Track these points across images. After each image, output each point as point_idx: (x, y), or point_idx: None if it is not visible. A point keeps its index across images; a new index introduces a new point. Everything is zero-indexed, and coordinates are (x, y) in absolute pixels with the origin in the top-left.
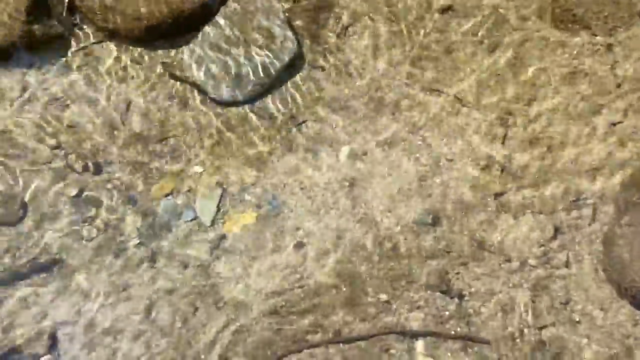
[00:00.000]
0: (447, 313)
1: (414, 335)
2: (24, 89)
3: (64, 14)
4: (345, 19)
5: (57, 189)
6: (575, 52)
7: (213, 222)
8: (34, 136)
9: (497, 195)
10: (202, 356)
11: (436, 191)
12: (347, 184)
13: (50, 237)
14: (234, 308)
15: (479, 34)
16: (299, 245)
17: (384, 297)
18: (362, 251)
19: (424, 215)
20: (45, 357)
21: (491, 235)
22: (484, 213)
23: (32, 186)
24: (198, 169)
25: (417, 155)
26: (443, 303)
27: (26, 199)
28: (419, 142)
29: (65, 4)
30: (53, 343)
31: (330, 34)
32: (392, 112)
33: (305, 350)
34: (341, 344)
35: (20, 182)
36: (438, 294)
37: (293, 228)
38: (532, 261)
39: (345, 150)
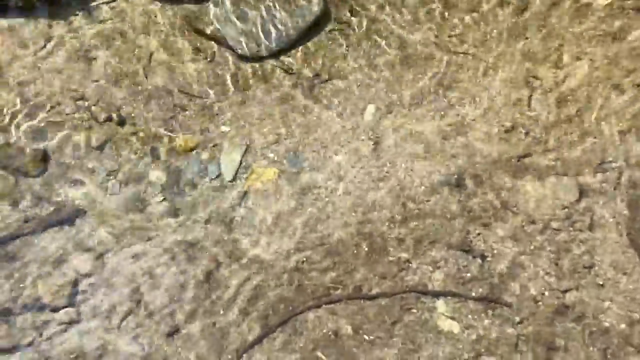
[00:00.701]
0: (468, 274)
1: (435, 295)
2: (49, 40)
3: None
4: None
5: (81, 141)
6: (604, 14)
7: (236, 178)
8: (58, 87)
9: (522, 157)
10: (222, 311)
11: (460, 152)
12: (371, 142)
13: (73, 189)
14: (256, 263)
15: None
16: (321, 203)
17: (405, 256)
18: (384, 210)
19: (448, 176)
20: (65, 309)
21: (515, 197)
22: (508, 175)
23: (56, 137)
24: (222, 125)
25: (442, 115)
26: (465, 263)
27: (50, 150)
28: (444, 102)
29: None
30: (74, 294)
31: None
32: (417, 71)
33: (325, 306)
34: (361, 301)
35: (44, 133)
36: (460, 254)
37: (315, 186)
38: (555, 224)
39: (370, 108)
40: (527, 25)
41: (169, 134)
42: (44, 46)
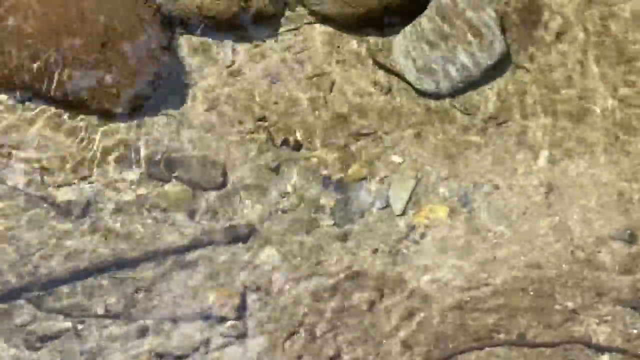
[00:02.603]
0: (635, 331)
1: (600, 350)
2: (234, 62)
3: None
4: (555, 25)
5: (258, 160)
6: None
7: (405, 211)
8: (240, 107)
9: None
10: (384, 340)
11: (636, 206)
12: (543, 189)
13: (247, 205)
14: (419, 298)
15: None
16: (489, 244)
17: (571, 305)
18: (553, 258)
19: (621, 229)
20: (232, 321)
21: None
22: None
23: (235, 154)
24: (395, 157)
25: (619, 168)
26: (632, 320)
27: (228, 166)
28: (621, 155)
29: None
30: (242, 309)
31: (539, 38)
32: (595, 122)
33: (486, 349)
34: (524, 348)
35: (224, 149)
36: (628, 310)
37: (484, 226)
38: None
39: (544, 154)
40: None
41: (342, 161)
42: (230, 66)
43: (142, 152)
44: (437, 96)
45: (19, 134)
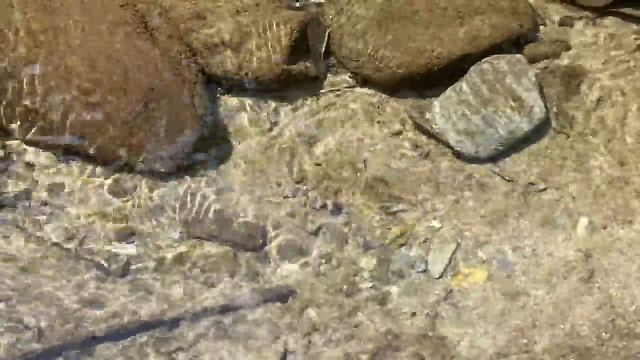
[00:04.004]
0: None
1: None
2: (275, 123)
3: (322, 57)
4: (595, 90)
5: (298, 223)
6: None
7: (444, 275)
8: (281, 169)
9: None
10: None
11: None
12: (582, 255)
13: (287, 267)
14: None
15: None
16: (528, 310)
17: None
18: (592, 325)
19: None
20: None
21: None
22: None
23: (275, 216)
24: (434, 222)
25: None
26: None
27: (268, 228)
28: None
29: (324, 48)
30: None
31: (579, 103)
32: (635, 189)
33: None
34: None
35: (264, 211)
36: None
37: (522, 292)
38: None
39: (583, 221)
40: None
41: (381, 224)
42: (270, 128)
43: (184, 212)
44: (476, 160)
45: (60, 192)
